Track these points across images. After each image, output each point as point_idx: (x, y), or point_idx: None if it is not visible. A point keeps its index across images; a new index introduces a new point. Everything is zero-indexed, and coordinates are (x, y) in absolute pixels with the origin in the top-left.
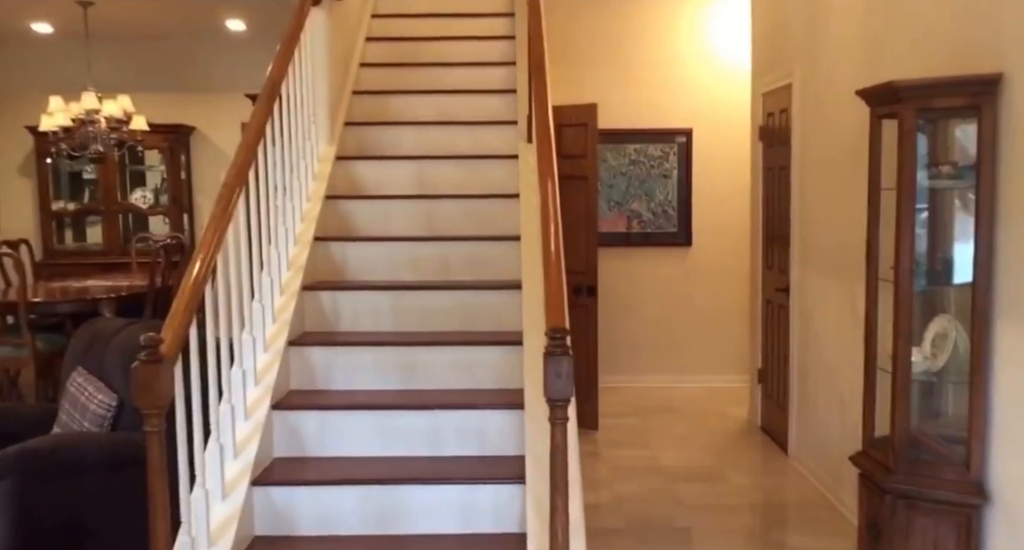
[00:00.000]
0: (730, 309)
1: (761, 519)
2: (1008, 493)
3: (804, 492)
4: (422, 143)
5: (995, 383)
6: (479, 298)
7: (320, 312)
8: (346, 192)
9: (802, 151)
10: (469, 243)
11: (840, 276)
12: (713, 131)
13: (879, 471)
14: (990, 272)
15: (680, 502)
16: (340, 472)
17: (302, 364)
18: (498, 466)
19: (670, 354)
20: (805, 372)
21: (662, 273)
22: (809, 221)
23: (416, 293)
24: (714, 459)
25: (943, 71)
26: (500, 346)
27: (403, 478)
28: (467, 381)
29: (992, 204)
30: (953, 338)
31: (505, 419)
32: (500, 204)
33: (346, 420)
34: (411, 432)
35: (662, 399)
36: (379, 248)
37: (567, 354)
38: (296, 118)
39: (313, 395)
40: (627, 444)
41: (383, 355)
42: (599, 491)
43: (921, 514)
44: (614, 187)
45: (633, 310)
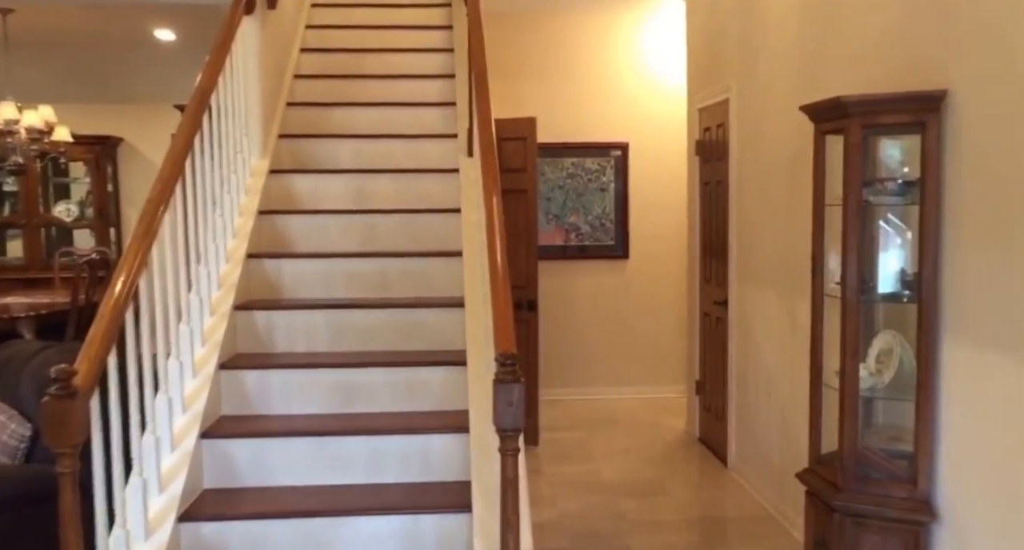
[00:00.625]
0: (668, 321)
1: (705, 535)
2: (956, 510)
3: (746, 506)
4: (360, 156)
5: (942, 399)
6: (420, 316)
7: (253, 333)
8: (281, 207)
9: (740, 166)
10: (409, 259)
11: (779, 290)
12: (649, 145)
13: (827, 489)
14: (935, 288)
15: (623, 518)
16: (275, 504)
17: (234, 388)
18: (442, 493)
19: (609, 366)
20: (744, 384)
21: (600, 286)
22: (747, 235)
23: (355, 311)
24: (655, 472)
25: (881, 86)
26: (442, 366)
27: (342, 509)
28: (409, 403)
29: (937, 220)
30: (898, 354)
31: (449, 443)
32: (441, 219)
33: (281, 447)
34: (350, 459)
35: (602, 411)
36: (315, 265)
37: (518, 381)
38: (227, 130)
39: (246, 421)
40: (568, 459)
41: (320, 377)
42: (542, 509)
43: (870, 532)
44: (552, 200)
45: (572, 323)
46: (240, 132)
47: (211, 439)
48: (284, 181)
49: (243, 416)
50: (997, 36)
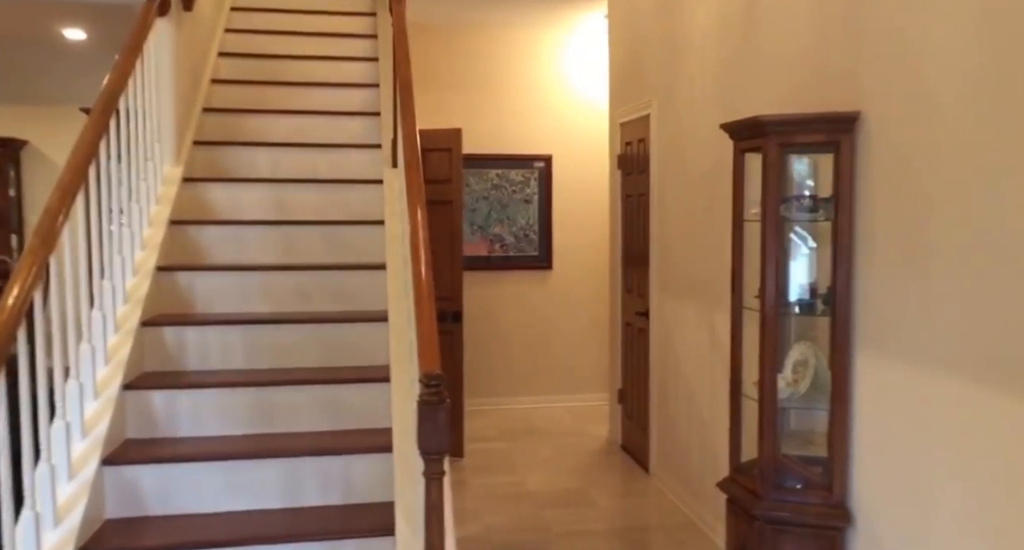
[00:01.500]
0: (590, 330)
1: (630, 544)
2: (870, 514)
3: (667, 513)
4: (280, 166)
5: (855, 408)
6: (342, 331)
7: (162, 350)
8: (194, 217)
9: (660, 180)
10: (330, 272)
11: (698, 302)
12: (572, 157)
13: (747, 497)
14: (848, 302)
15: (548, 529)
16: (183, 534)
17: (141, 410)
18: (365, 516)
19: (534, 375)
20: (665, 393)
21: (524, 296)
22: (667, 248)
23: (273, 327)
24: (579, 481)
25: (797, 105)
26: (366, 383)
27: (256, 538)
28: (330, 423)
29: (850, 236)
30: (813, 365)
31: (372, 463)
32: (364, 231)
33: (191, 473)
34: (267, 483)
35: (527, 421)
36: (231, 278)
37: (443, 402)
38: (136, 135)
39: (154, 445)
40: (494, 470)
41: (235, 397)
42: (468, 523)
43: (788, 538)
44: (477, 211)
45: (497, 333)
46: (151, 138)
47: (114, 466)
48: (199, 190)
49: (150, 440)
50: (905, 59)
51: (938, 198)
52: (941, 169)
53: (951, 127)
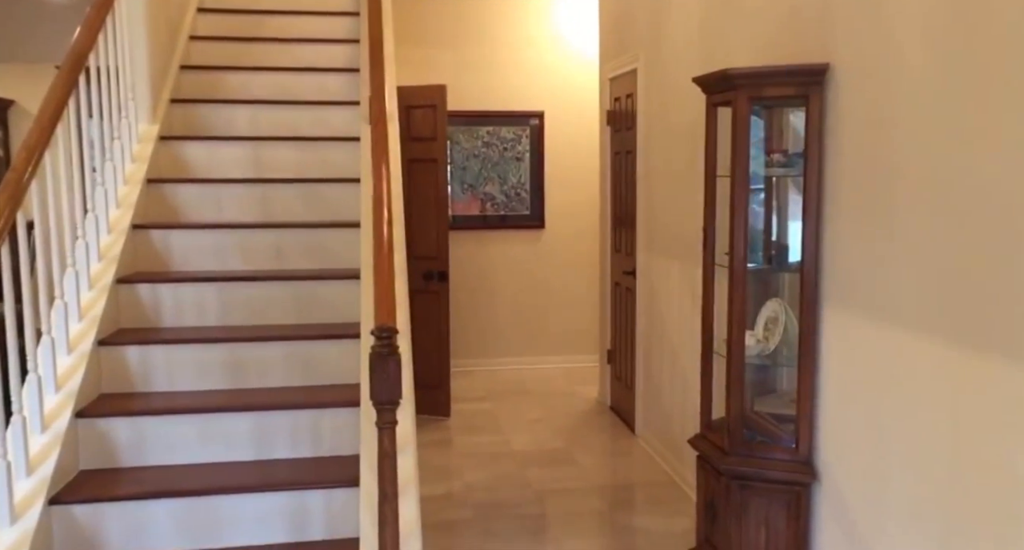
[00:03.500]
0: (582, 291)
1: (608, 501)
2: (834, 470)
3: (650, 472)
4: (258, 123)
5: (822, 366)
6: (317, 289)
7: (138, 307)
8: (171, 175)
9: (647, 136)
10: (307, 230)
11: (682, 260)
12: (564, 114)
13: (715, 453)
14: (817, 258)
15: (529, 487)
16: (156, 484)
17: (115, 365)
18: (333, 468)
19: (524, 336)
20: (650, 353)
21: (516, 256)
22: (653, 205)
23: (248, 284)
24: (564, 441)
25: (773, 59)
26: (338, 340)
27: (227, 487)
28: (303, 378)
29: (819, 192)
30: (783, 321)
31: (341, 417)
32: (341, 189)
33: (164, 425)
34: (238, 436)
35: (516, 382)
36: (207, 236)
37: (394, 355)
38: (109, 93)
39: (128, 399)
40: (479, 430)
41: (209, 353)
42: (449, 481)
43: (754, 494)
44: (467, 170)
45: (488, 293)
46: (125, 95)
47: (87, 419)
48: (175, 148)
49: (125, 394)
50: (875, 10)
51: (903, 155)
52: (907, 126)
53: (918, 83)
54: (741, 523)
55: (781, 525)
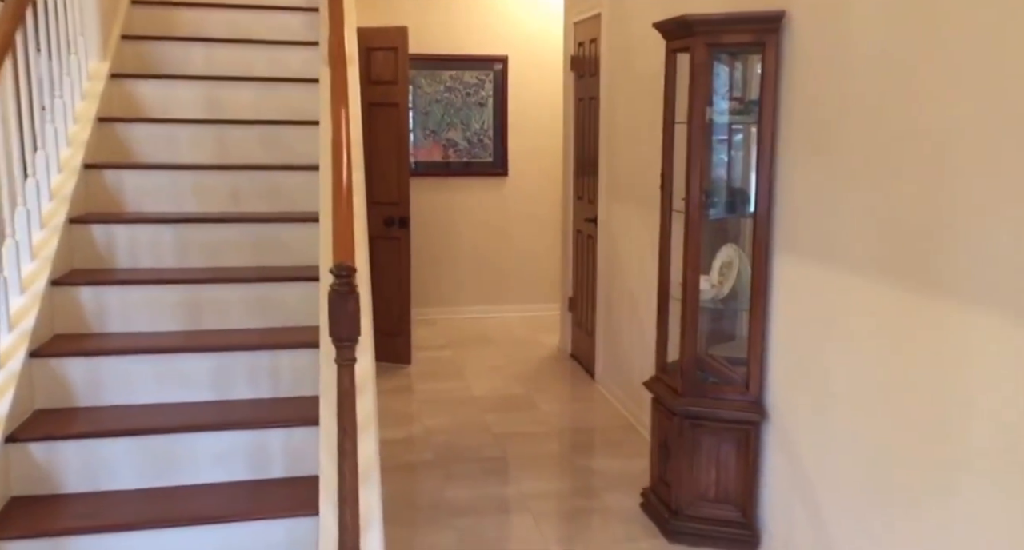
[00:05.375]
0: (544, 239)
1: (567, 444)
2: (782, 409)
3: (608, 416)
4: (214, 62)
5: (773, 309)
6: (275, 232)
7: (92, 248)
8: (123, 114)
9: (609, 82)
10: (264, 173)
11: (642, 207)
12: (528, 60)
13: (669, 394)
14: (770, 204)
15: (489, 431)
16: (113, 423)
17: (69, 305)
18: (292, 408)
19: (486, 285)
20: (610, 300)
21: (478, 203)
22: (615, 153)
23: (204, 226)
24: (524, 388)
25: (738, 7)
26: (296, 282)
27: (186, 426)
28: (261, 320)
29: (773, 139)
30: (737, 266)
31: (300, 358)
32: (299, 132)
33: (122, 366)
34: (197, 376)
35: (477, 330)
36: (162, 177)
37: (353, 293)
38: (58, 28)
39: (83, 340)
40: (440, 376)
41: (166, 294)
42: (410, 425)
43: (706, 433)
44: (430, 115)
45: (449, 241)
46: (74, 30)
47: (42, 358)
48: (127, 87)
49: (79, 335)
50: None
51: (851, 104)
52: (855, 76)
53: (866, 34)
54: (693, 461)
55: (732, 462)
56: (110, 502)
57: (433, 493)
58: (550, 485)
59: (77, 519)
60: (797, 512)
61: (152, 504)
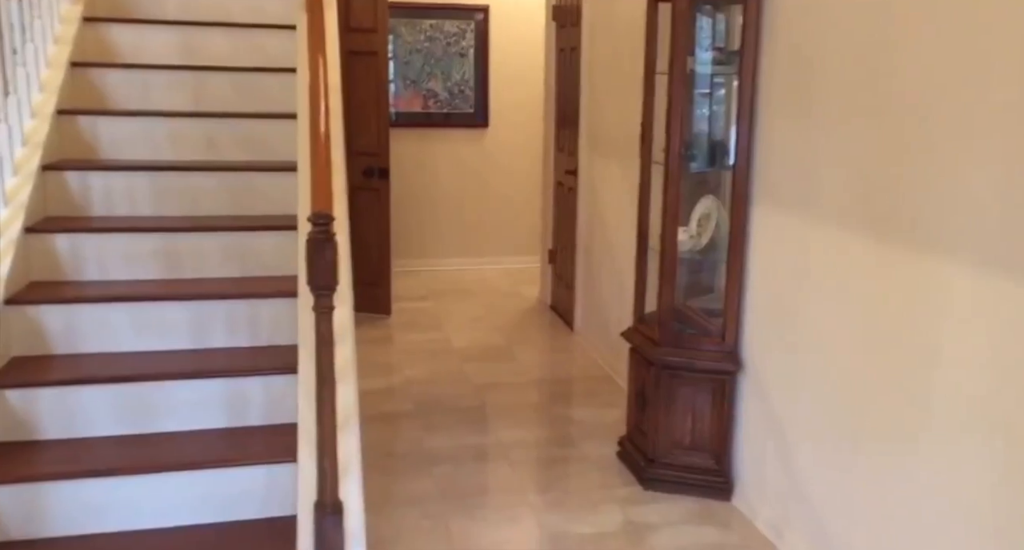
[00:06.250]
0: (527, 191)
1: (545, 394)
2: (756, 359)
3: (586, 367)
4: (189, 7)
5: (750, 260)
6: (252, 180)
7: (66, 195)
8: (97, 59)
9: (591, 32)
10: (241, 121)
11: (622, 159)
12: (510, 9)
13: (647, 345)
14: (749, 155)
15: (468, 382)
16: (90, 370)
17: (44, 253)
18: (271, 356)
19: (468, 237)
20: (590, 252)
21: (459, 155)
22: (596, 104)
23: (181, 174)
24: (504, 339)
25: None
26: (274, 231)
27: (164, 374)
28: (239, 269)
29: (753, 90)
30: (715, 218)
31: (278, 308)
32: (276, 79)
33: (98, 314)
34: (174, 325)
35: (458, 282)
36: (137, 124)
37: (331, 241)
38: None
39: (59, 287)
40: (420, 327)
41: (142, 242)
42: (390, 375)
43: (683, 383)
44: (410, 64)
45: (430, 193)
46: None
47: (17, 305)
48: (100, 31)
49: (55, 283)
50: None
51: (831, 54)
52: (836, 26)
53: None
54: (669, 410)
55: (707, 412)
56: (88, 449)
57: (412, 442)
58: (528, 434)
59: (55, 465)
60: (770, 460)
61: (130, 451)
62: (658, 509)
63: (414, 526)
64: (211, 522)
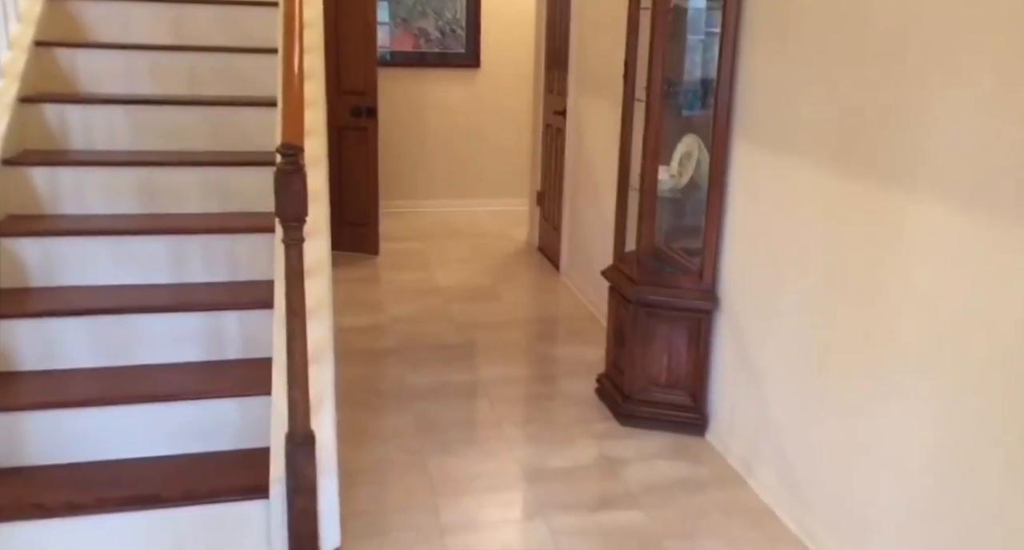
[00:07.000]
0: (516, 132)
1: (528, 333)
2: (733, 298)
3: (571, 307)
4: None
5: (729, 199)
6: (232, 116)
7: (44, 128)
8: None
9: None
10: (223, 55)
11: (609, 99)
12: None
13: (625, 283)
14: (731, 92)
15: (453, 320)
16: (68, 302)
17: (21, 186)
18: (248, 291)
19: (457, 178)
20: (576, 193)
21: (450, 95)
22: (585, 43)
23: (161, 108)
24: (490, 279)
25: None
26: (254, 167)
27: (141, 307)
28: (217, 205)
29: (736, 26)
30: (696, 156)
31: (256, 243)
32: (260, 12)
33: (76, 247)
34: (153, 259)
35: (446, 223)
36: (116, 57)
37: (299, 172)
38: None
39: (37, 220)
40: (407, 267)
41: (121, 176)
42: (375, 314)
43: (660, 321)
44: (400, 2)
45: (421, 133)
46: None
47: None
48: None
49: (32, 216)
50: None
51: None
52: None
53: None
54: (646, 348)
55: (683, 349)
56: (66, 380)
57: (395, 379)
58: (509, 371)
59: (33, 396)
60: (743, 397)
61: (108, 383)
62: (633, 444)
63: (391, 459)
64: (187, 452)
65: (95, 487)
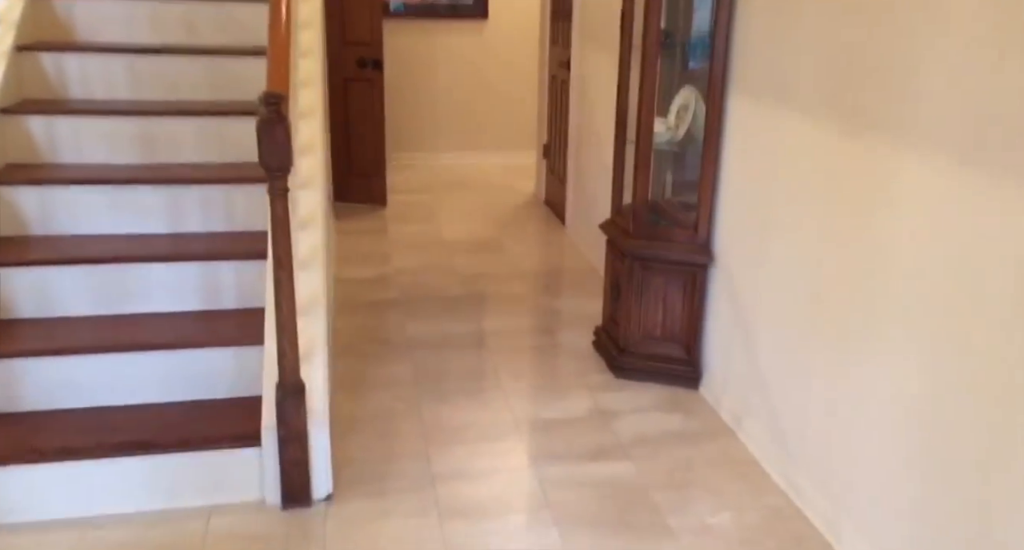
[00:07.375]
0: (524, 84)
1: (530, 285)
2: (727, 252)
3: (574, 259)
4: None
5: (725, 153)
6: (231, 65)
7: (41, 77)
8: None
9: None
10: (223, 4)
11: (611, 51)
12: None
13: (621, 236)
14: (727, 45)
15: (456, 272)
16: (66, 251)
17: (19, 135)
18: (245, 242)
19: (465, 130)
20: (580, 146)
21: (458, 47)
22: None
23: (159, 58)
24: (495, 232)
25: None
26: (252, 117)
27: (138, 256)
28: (215, 155)
29: None
30: (692, 109)
31: (253, 194)
32: None
33: (74, 196)
34: (151, 209)
35: (454, 176)
36: (114, 5)
37: (282, 121)
38: None
39: (35, 169)
40: (413, 219)
41: (119, 125)
42: (381, 265)
43: (655, 274)
44: None
45: (429, 85)
46: None
47: None
48: None
49: (31, 164)
50: None
51: None
52: None
53: None
54: (642, 301)
55: (678, 303)
56: (63, 328)
57: (395, 329)
58: (509, 323)
59: (29, 342)
60: (735, 351)
61: (105, 331)
62: (627, 396)
63: (387, 407)
64: (181, 400)
65: (91, 433)
